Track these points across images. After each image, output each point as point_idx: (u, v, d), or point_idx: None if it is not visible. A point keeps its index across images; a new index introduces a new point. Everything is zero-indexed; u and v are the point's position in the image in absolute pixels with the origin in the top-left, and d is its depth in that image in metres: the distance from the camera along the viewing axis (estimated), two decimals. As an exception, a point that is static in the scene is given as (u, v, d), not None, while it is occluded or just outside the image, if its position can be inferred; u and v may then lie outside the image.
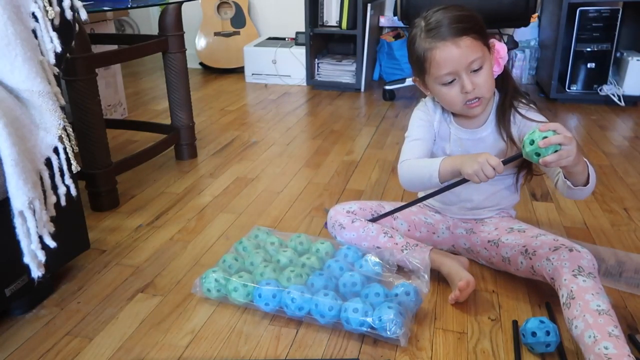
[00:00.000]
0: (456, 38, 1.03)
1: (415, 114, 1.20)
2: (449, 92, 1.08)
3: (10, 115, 0.88)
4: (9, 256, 0.94)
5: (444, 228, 1.25)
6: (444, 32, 1.03)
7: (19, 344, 1.00)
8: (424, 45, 1.06)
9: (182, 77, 1.82)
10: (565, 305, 0.93)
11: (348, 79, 2.93)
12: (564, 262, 0.98)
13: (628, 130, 2.21)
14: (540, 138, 0.88)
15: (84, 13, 1.04)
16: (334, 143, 2.11)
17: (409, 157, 1.14)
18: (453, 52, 1.03)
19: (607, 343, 0.83)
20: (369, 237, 1.20)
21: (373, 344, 0.98)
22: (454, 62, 1.04)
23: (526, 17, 2.20)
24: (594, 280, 0.94)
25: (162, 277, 1.21)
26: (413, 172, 1.11)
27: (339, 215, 1.24)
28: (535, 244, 1.07)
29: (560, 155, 0.89)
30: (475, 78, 1.05)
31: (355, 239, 1.21)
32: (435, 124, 1.18)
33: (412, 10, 2.25)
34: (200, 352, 0.98)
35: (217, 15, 3.30)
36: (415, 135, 1.17)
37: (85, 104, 1.44)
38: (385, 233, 1.19)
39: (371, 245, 1.19)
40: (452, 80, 1.06)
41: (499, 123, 1.13)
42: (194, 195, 1.64)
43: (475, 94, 1.07)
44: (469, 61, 1.03)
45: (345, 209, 1.25)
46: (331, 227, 1.25)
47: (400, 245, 1.17)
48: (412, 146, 1.16)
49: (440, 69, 1.05)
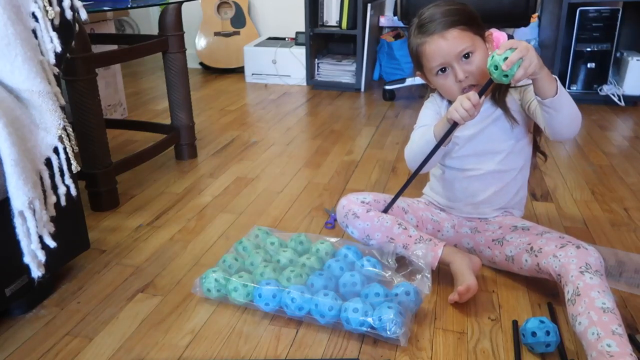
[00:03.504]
0: (443, 31, 1.08)
1: (424, 106, 1.26)
2: (445, 82, 1.12)
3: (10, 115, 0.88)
4: (9, 256, 0.94)
5: (448, 226, 1.25)
6: (432, 26, 1.09)
7: (19, 344, 1.00)
8: (416, 40, 1.13)
9: (182, 77, 1.82)
10: (570, 301, 0.93)
11: (348, 79, 2.93)
12: (571, 259, 0.98)
13: (628, 130, 2.21)
14: (502, 61, 0.94)
15: (84, 13, 1.04)
16: (334, 143, 2.11)
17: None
18: (441, 44, 1.08)
19: (610, 341, 0.83)
20: (383, 227, 1.17)
21: (373, 344, 0.98)
22: (442, 53, 1.09)
23: (526, 17, 2.20)
24: (601, 279, 0.94)
25: (162, 277, 1.21)
26: (413, 142, 1.18)
27: (353, 205, 1.21)
28: (540, 241, 1.07)
29: (525, 67, 0.93)
30: (467, 66, 1.09)
31: (369, 229, 1.18)
32: (442, 113, 1.22)
33: (412, 10, 2.25)
34: (200, 352, 0.98)
35: (217, 15, 3.30)
36: (422, 122, 1.22)
37: (85, 104, 1.44)
38: (400, 224, 1.18)
39: (384, 236, 1.17)
40: (446, 70, 1.11)
41: (494, 98, 1.16)
42: (194, 195, 1.64)
43: (470, 82, 1.10)
44: (458, 51, 1.08)
45: (360, 199, 1.22)
46: (343, 216, 1.22)
47: (414, 238, 1.16)
48: (419, 132, 1.20)
49: (431, 62, 1.11)
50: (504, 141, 1.17)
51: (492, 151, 1.18)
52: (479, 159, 1.19)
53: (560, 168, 1.81)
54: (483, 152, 1.18)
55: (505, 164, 1.18)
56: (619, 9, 2.41)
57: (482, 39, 1.11)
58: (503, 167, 1.18)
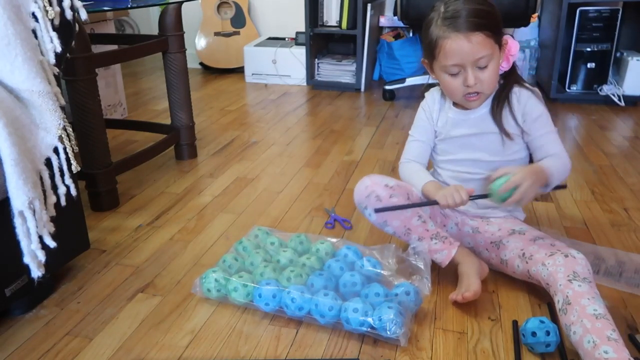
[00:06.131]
0: (469, 32, 1.04)
1: (418, 112, 1.26)
2: (452, 82, 1.10)
3: (10, 115, 0.88)
4: (9, 256, 0.94)
5: (452, 224, 1.25)
6: (460, 23, 1.04)
7: (19, 344, 1.00)
8: (437, 32, 1.07)
9: (182, 77, 1.82)
10: (561, 311, 0.93)
11: (348, 79, 2.93)
12: (558, 268, 0.98)
13: (628, 130, 2.21)
14: (498, 186, 1.03)
15: (84, 13, 1.04)
16: (334, 143, 2.11)
17: (408, 158, 1.25)
18: (464, 45, 1.04)
19: (607, 347, 0.83)
20: (403, 216, 1.15)
21: (373, 344, 0.98)
22: (462, 55, 1.05)
23: (526, 17, 2.20)
24: (589, 285, 0.94)
25: (162, 277, 1.21)
26: (406, 175, 1.23)
27: (377, 187, 1.15)
28: (532, 248, 1.07)
29: (520, 194, 1.01)
30: (480, 74, 1.07)
31: (387, 215, 1.15)
32: (435, 115, 1.23)
33: (412, 10, 2.25)
34: (200, 352, 0.98)
35: (217, 15, 3.30)
36: (415, 136, 1.25)
37: (85, 104, 1.44)
38: (420, 217, 1.16)
39: (402, 226, 1.15)
40: (458, 72, 1.08)
41: (493, 110, 1.15)
42: (194, 195, 1.64)
43: (476, 89, 1.09)
44: (477, 57, 1.05)
45: (385, 182, 1.16)
46: (364, 196, 1.16)
47: (431, 233, 1.15)
48: (412, 147, 1.26)
49: (447, 59, 1.07)
50: (499, 152, 1.17)
51: (487, 159, 1.18)
52: (475, 163, 1.19)
53: (560, 168, 1.81)
54: (479, 159, 1.18)
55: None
56: (619, 9, 2.41)
57: (500, 46, 1.09)
58: None
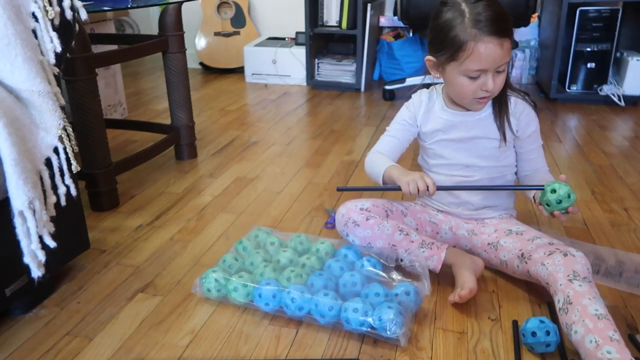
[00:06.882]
0: (501, 38, 1.02)
1: (401, 110, 1.27)
2: (469, 85, 1.08)
3: (10, 115, 0.88)
4: (9, 256, 0.94)
5: (446, 228, 1.25)
6: (494, 27, 1.01)
7: (19, 344, 1.00)
8: (468, 32, 1.02)
9: (182, 77, 1.82)
10: (562, 310, 0.93)
11: (348, 79, 2.93)
12: (558, 267, 0.98)
13: (628, 130, 2.21)
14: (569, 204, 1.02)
15: (84, 13, 1.04)
16: (334, 143, 2.11)
17: (376, 150, 1.26)
18: (496, 52, 1.02)
19: (609, 347, 0.82)
20: (384, 234, 1.16)
21: (373, 344, 0.98)
22: (491, 60, 1.03)
23: (526, 17, 2.20)
24: (590, 285, 0.94)
25: (162, 277, 1.21)
26: (369, 165, 1.25)
27: (352, 213, 1.18)
28: (530, 247, 1.07)
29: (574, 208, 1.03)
30: (498, 79, 1.07)
31: (370, 237, 1.17)
32: (420, 117, 1.22)
33: (412, 10, 2.25)
34: (200, 352, 0.98)
35: (217, 15, 3.30)
36: (391, 132, 1.27)
37: (85, 104, 1.44)
38: (401, 231, 1.16)
39: (386, 244, 1.16)
40: (478, 75, 1.06)
41: (495, 113, 1.16)
42: (194, 195, 1.64)
43: (488, 94, 1.09)
44: (502, 63, 1.05)
45: (358, 206, 1.19)
46: (343, 225, 1.20)
47: (417, 243, 1.15)
48: (384, 140, 1.27)
49: (475, 63, 1.04)
50: (495, 157, 1.18)
51: (481, 164, 1.18)
52: (469, 168, 1.20)
53: (560, 168, 1.81)
54: (473, 164, 1.19)
55: (495, 172, 1.20)
56: (619, 9, 2.41)
57: None
58: (494, 174, 1.20)
